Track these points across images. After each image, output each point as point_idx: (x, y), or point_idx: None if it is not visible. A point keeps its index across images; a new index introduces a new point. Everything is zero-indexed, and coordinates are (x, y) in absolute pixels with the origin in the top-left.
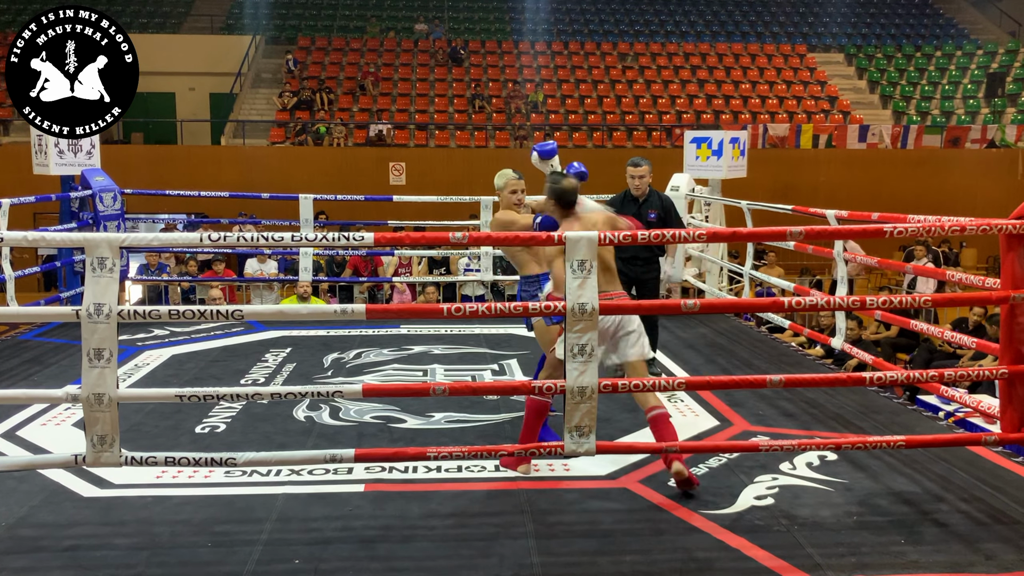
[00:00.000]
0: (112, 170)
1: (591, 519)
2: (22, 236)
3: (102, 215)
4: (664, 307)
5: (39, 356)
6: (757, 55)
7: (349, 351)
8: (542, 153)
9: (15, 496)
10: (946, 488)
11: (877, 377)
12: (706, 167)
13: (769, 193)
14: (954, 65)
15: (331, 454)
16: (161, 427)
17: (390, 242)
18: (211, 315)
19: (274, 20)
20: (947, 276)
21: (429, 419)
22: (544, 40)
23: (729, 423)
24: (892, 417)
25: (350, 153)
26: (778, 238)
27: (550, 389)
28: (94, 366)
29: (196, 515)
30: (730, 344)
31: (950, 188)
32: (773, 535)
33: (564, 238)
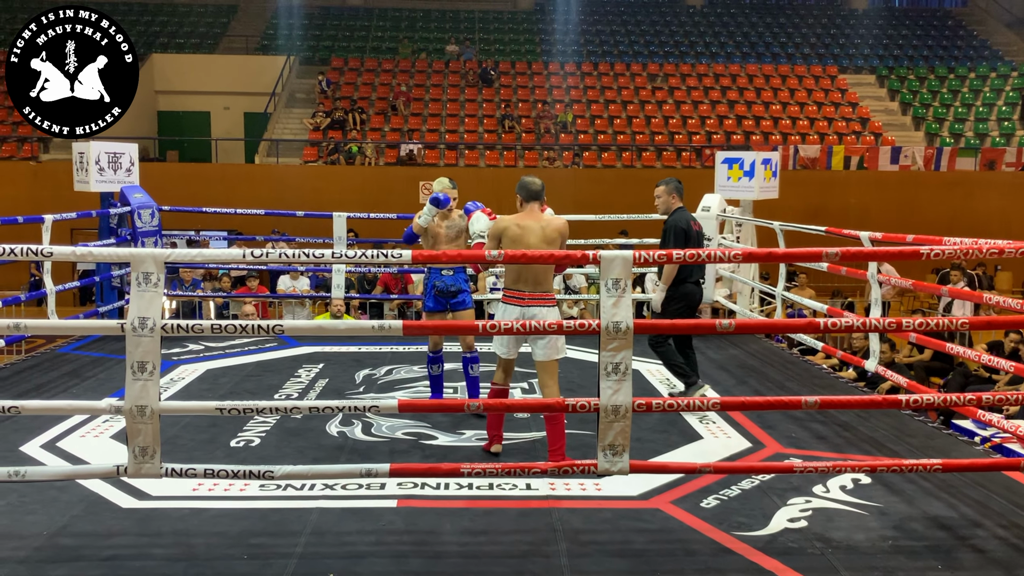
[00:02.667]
0: (148, 187)
1: (623, 539)
2: (71, 251)
3: (140, 231)
4: (698, 327)
5: (77, 369)
6: (788, 76)
7: (380, 367)
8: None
9: (56, 506)
10: (984, 514)
11: (914, 400)
12: (738, 188)
13: (800, 215)
14: (988, 87)
15: (367, 468)
16: (197, 440)
17: (427, 260)
18: (251, 330)
19: (308, 41)
20: (984, 299)
21: (460, 436)
22: (574, 61)
23: (761, 445)
24: (927, 441)
25: (381, 172)
26: (813, 259)
27: (584, 407)
28: (137, 379)
29: (232, 528)
30: (762, 366)
31: (984, 211)
32: (807, 558)
33: (599, 257)
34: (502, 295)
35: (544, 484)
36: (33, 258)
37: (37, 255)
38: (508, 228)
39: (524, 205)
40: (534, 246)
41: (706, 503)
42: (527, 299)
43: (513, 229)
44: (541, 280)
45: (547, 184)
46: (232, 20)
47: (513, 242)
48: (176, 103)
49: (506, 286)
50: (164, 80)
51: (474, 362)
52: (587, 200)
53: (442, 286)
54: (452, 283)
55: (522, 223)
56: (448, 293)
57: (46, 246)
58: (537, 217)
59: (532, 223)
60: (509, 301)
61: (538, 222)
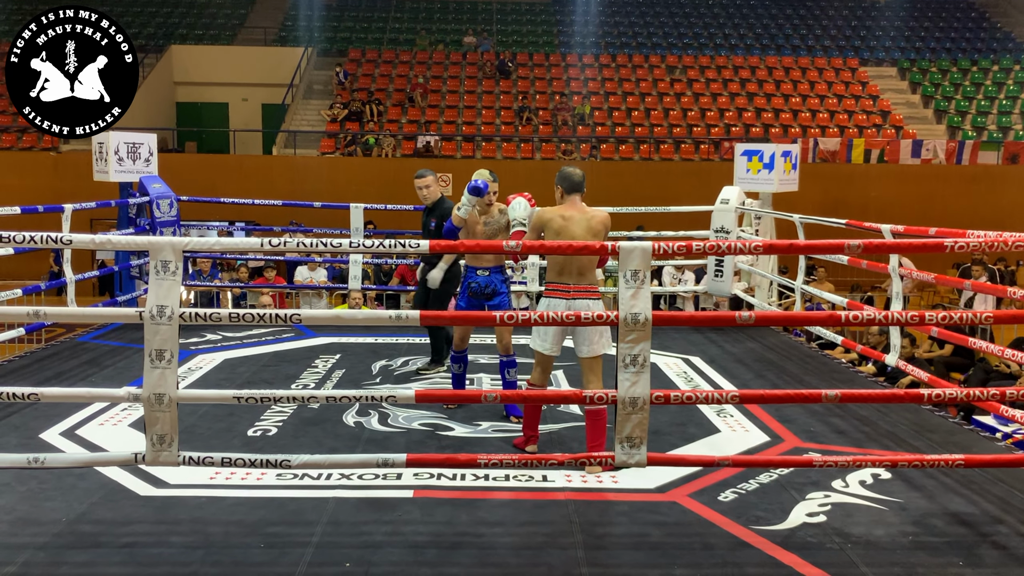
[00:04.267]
0: (167, 177)
1: (640, 531)
2: (90, 239)
3: (159, 221)
4: (718, 319)
5: (96, 358)
6: (808, 68)
7: (397, 358)
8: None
9: (75, 493)
10: (1006, 510)
11: (936, 394)
12: (757, 180)
13: (819, 208)
14: (1012, 79)
15: (383, 458)
16: (214, 429)
17: (445, 249)
18: (269, 319)
19: (326, 33)
20: (1008, 293)
21: (476, 427)
22: (592, 53)
23: (780, 439)
24: (947, 436)
25: (398, 164)
26: (835, 251)
27: (601, 399)
28: (155, 367)
29: (249, 516)
30: (780, 360)
31: (1006, 205)
32: (826, 552)
33: (618, 248)
34: (545, 289)
35: (561, 476)
36: (53, 246)
37: (57, 243)
38: (552, 220)
39: (565, 197)
40: (580, 238)
41: (724, 497)
42: (572, 292)
43: (557, 221)
44: (585, 272)
45: None
46: (250, 11)
47: (557, 234)
48: (195, 94)
49: (549, 280)
50: (183, 71)
51: (511, 366)
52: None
53: (476, 287)
54: (487, 284)
55: (566, 214)
56: (483, 295)
57: (66, 234)
58: (581, 209)
59: (576, 214)
60: (553, 295)
61: (583, 214)
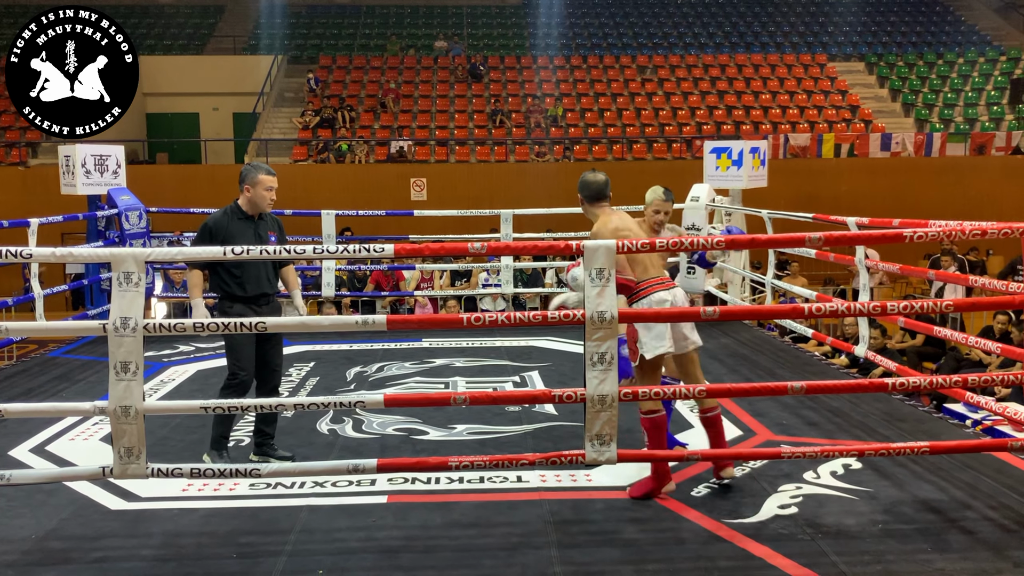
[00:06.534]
0: (138, 190)
1: (613, 528)
2: (50, 252)
3: (128, 233)
4: (684, 314)
5: (67, 373)
6: (777, 65)
7: (371, 365)
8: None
9: (44, 509)
10: (973, 496)
11: (900, 383)
12: (726, 177)
13: (791, 203)
14: (977, 72)
15: (353, 464)
16: (186, 441)
17: (410, 253)
18: (235, 327)
19: (295, 40)
20: (970, 282)
21: (451, 431)
22: (562, 55)
23: (752, 432)
24: (917, 425)
25: (372, 170)
26: (797, 244)
27: (570, 397)
28: (121, 379)
29: (221, 527)
30: (753, 354)
31: (975, 195)
32: (797, 543)
33: (582, 247)
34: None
35: (535, 476)
36: (13, 260)
37: (16, 257)
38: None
39: (594, 207)
40: (637, 234)
41: (696, 492)
42: (665, 284)
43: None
44: (660, 265)
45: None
46: (219, 21)
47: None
48: (164, 105)
49: (639, 279)
50: (152, 82)
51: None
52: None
53: None
54: None
55: (618, 225)
56: None
57: (26, 248)
58: (620, 214)
59: (625, 220)
60: (655, 290)
61: (628, 218)
